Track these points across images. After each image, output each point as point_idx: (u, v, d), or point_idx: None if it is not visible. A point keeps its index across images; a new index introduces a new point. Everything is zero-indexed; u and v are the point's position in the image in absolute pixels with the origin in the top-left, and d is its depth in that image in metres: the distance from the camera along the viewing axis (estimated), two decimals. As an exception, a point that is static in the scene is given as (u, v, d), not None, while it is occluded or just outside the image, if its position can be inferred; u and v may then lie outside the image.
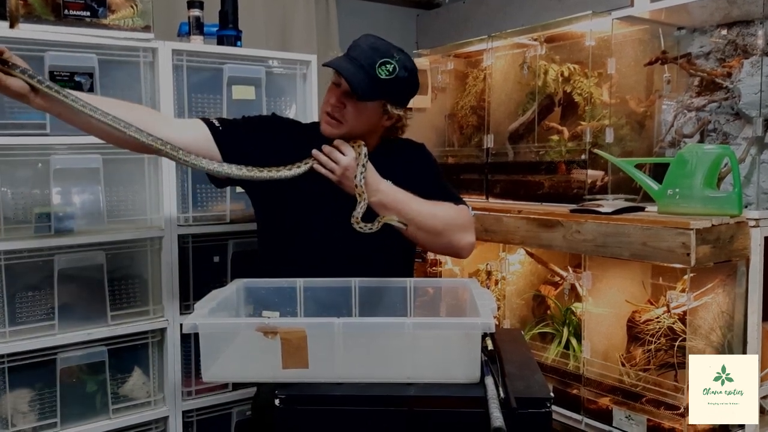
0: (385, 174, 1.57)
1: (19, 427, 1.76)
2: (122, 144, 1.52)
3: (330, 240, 1.62)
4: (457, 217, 1.62)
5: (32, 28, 1.76)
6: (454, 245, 1.63)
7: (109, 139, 1.50)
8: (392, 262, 1.70)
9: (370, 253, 1.60)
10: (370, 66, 1.52)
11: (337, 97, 1.56)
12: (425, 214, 1.57)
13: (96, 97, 1.63)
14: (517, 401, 1.16)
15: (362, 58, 1.53)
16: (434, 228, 1.58)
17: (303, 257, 1.65)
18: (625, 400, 1.83)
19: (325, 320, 1.28)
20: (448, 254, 1.64)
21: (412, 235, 1.57)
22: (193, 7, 2.09)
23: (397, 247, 1.68)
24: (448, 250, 1.69)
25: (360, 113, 1.58)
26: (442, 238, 1.61)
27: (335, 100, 1.57)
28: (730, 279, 1.76)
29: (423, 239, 1.62)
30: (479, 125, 2.54)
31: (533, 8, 3.02)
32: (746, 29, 1.94)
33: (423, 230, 1.57)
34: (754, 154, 1.86)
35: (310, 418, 1.22)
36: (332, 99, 1.57)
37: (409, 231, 1.54)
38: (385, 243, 1.59)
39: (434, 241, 1.63)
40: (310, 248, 1.65)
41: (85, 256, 1.84)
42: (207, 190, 2.06)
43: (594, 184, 2.14)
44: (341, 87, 1.55)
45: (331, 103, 1.57)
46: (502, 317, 2.29)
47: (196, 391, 2.04)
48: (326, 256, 1.64)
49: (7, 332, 1.74)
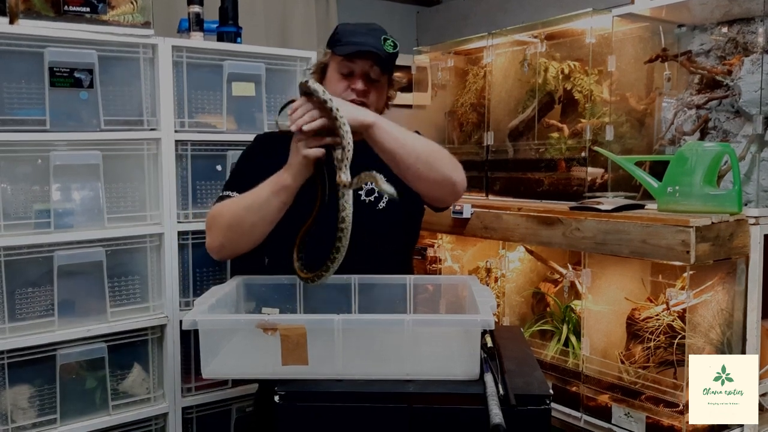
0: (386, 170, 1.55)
1: (18, 423, 1.77)
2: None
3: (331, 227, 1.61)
4: (448, 154, 1.57)
5: (32, 24, 1.75)
6: (451, 178, 1.54)
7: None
8: (393, 251, 1.69)
9: (373, 240, 1.59)
10: (380, 44, 1.58)
11: (363, 82, 1.60)
12: (424, 143, 1.53)
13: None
14: (517, 398, 1.16)
15: (370, 39, 1.58)
16: (431, 155, 1.51)
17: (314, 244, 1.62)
18: (624, 397, 1.83)
19: (324, 317, 1.28)
20: (443, 191, 1.56)
21: (406, 165, 1.48)
22: (192, 4, 2.09)
23: (399, 235, 1.67)
24: (445, 183, 1.55)
25: (381, 92, 1.65)
26: (437, 168, 1.51)
27: (362, 86, 1.59)
28: (730, 277, 1.76)
29: (417, 170, 1.50)
30: (479, 122, 2.54)
31: (533, 5, 3.02)
32: (747, 27, 1.94)
33: (422, 161, 1.49)
34: (754, 152, 1.86)
35: (310, 415, 1.22)
36: (359, 85, 1.59)
37: (403, 157, 1.46)
38: (390, 231, 1.59)
39: (429, 173, 1.51)
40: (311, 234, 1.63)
41: (84, 252, 1.84)
42: (206, 187, 2.06)
43: (594, 181, 2.14)
44: (356, 73, 1.58)
45: (359, 89, 1.59)
46: (502, 314, 2.29)
47: (196, 387, 2.04)
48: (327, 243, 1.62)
49: (6, 328, 1.74)
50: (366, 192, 1.66)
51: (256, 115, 2.12)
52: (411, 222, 1.77)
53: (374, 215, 1.65)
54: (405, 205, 1.62)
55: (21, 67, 1.76)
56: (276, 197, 1.47)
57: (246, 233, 1.52)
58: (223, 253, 1.60)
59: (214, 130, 2.05)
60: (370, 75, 1.60)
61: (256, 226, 1.50)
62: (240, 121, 2.10)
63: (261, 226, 1.50)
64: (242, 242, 1.54)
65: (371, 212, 1.65)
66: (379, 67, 1.59)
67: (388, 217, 1.66)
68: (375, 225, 1.63)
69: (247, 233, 1.52)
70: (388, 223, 1.67)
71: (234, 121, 2.10)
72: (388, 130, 1.46)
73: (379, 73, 1.61)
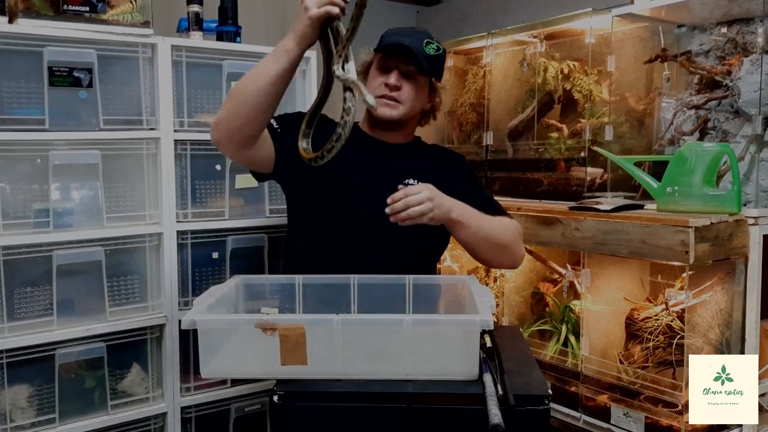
0: (425, 177, 1.60)
1: (17, 423, 1.76)
2: None
3: (366, 217, 1.62)
4: (516, 231, 1.66)
5: (31, 24, 1.75)
6: (515, 259, 1.67)
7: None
8: (417, 253, 1.71)
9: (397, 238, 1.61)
10: (420, 44, 1.63)
11: (396, 78, 1.63)
12: (496, 227, 1.61)
13: None
14: (516, 398, 1.16)
15: (411, 40, 1.62)
16: (503, 242, 1.61)
17: (339, 234, 1.66)
18: (623, 397, 1.84)
19: (323, 317, 1.28)
20: (504, 267, 1.70)
21: (476, 248, 1.61)
22: (192, 3, 2.08)
23: (424, 237, 1.68)
24: (509, 263, 1.70)
25: (417, 92, 1.67)
26: (507, 252, 1.63)
27: (395, 80, 1.63)
28: (729, 277, 1.76)
29: (487, 253, 1.64)
30: (479, 122, 2.54)
31: (533, 5, 3.02)
32: (746, 27, 1.94)
33: (491, 245, 1.60)
34: (753, 152, 1.86)
35: (309, 415, 1.22)
36: (391, 80, 1.63)
37: (476, 245, 1.58)
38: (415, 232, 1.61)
39: (497, 255, 1.65)
40: (345, 224, 1.66)
41: (83, 251, 1.84)
42: (206, 186, 2.06)
43: (593, 181, 2.15)
44: (392, 70, 1.63)
45: (391, 83, 1.63)
46: (501, 314, 2.29)
47: (195, 387, 2.04)
48: (362, 233, 1.64)
49: (5, 328, 1.74)
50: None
51: (255, 115, 2.12)
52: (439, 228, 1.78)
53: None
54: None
55: (20, 67, 1.75)
56: (276, 62, 1.43)
57: (242, 100, 1.47)
58: (219, 131, 1.53)
59: (213, 130, 2.05)
60: (405, 71, 1.63)
61: (253, 94, 1.45)
62: (239, 121, 2.10)
63: (257, 95, 1.45)
64: (239, 112, 1.48)
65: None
66: (415, 64, 1.62)
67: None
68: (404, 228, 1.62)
69: (244, 102, 1.47)
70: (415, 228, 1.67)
71: (233, 120, 2.10)
72: (468, 225, 1.54)
73: (415, 72, 1.64)
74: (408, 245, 1.64)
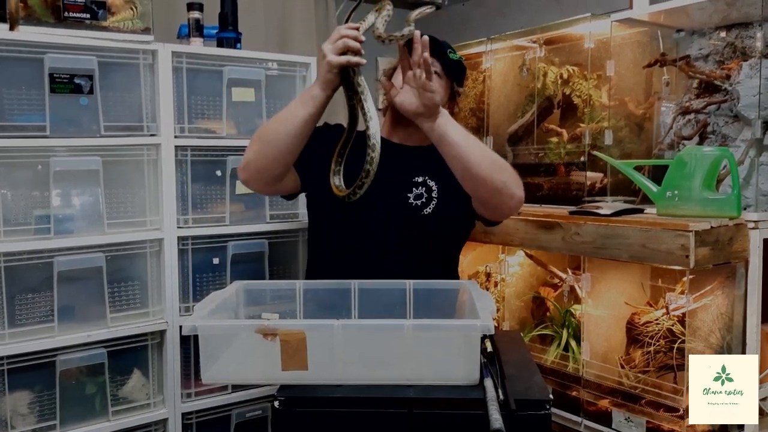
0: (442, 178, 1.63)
1: (18, 429, 1.76)
2: None
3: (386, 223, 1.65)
4: (511, 167, 1.60)
5: (32, 30, 1.76)
6: (512, 188, 1.57)
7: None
8: (435, 258, 1.72)
9: (415, 244, 1.64)
10: (444, 50, 1.69)
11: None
12: (486, 148, 1.60)
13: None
14: (517, 403, 1.16)
15: (435, 43, 1.63)
16: (496, 159, 1.56)
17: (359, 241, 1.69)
18: (624, 402, 1.83)
19: (324, 322, 1.28)
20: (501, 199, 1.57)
21: (470, 161, 1.51)
22: (192, 9, 2.09)
23: (442, 242, 1.70)
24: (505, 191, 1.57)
25: (443, 88, 1.70)
26: (499, 173, 1.54)
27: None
28: (729, 281, 1.76)
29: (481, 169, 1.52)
30: (478, 127, 2.54)
31: (532, 10, 3.02)
32: (745, 31, 1.94)
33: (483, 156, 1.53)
34: (752, 156, 1.86)
35: (310, 420, 1.22)
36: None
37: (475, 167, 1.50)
38: (432, 237, 1.64)
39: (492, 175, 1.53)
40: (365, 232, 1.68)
41: (84, 257, 1.84)
42: (206, 192, 2.06)
43: (593, 186, 2.15)
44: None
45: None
46: (502, 319, 2.29)
47: (196, 392, 2.04)
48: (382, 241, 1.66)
49: (6, 334, 1.74)
50: (414, 196, 1.69)
51: (256, 121, 2.12)
52: (457, 231, 1.78)
53: (420, 220, 1.68)
54: (452, 212, 1.67)
55: (21, 73, 1.76)
56: (303, 108, 1.51)
57: (271, 143, 1.55)
58: (249, 171, 1.62)
59: (214, 136, 2.05)
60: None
61: (281, 137, 1.54)
62: (240, 127, 2.11)
63: (286, 139, 1.53)
64: (267, 154, 1.57)
65: (417, 216, 1.68)
66: (440, 62, 1.66)
67: (432, 223, 1.69)
68: (418, 229, 1.67)
69: (273, 145, 1.55)
70: (431, 228, 1.69)
71: (234, 126, 2.10)
72: (455, 122, 1.53)
73: (441, 70, 1.68)
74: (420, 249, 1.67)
